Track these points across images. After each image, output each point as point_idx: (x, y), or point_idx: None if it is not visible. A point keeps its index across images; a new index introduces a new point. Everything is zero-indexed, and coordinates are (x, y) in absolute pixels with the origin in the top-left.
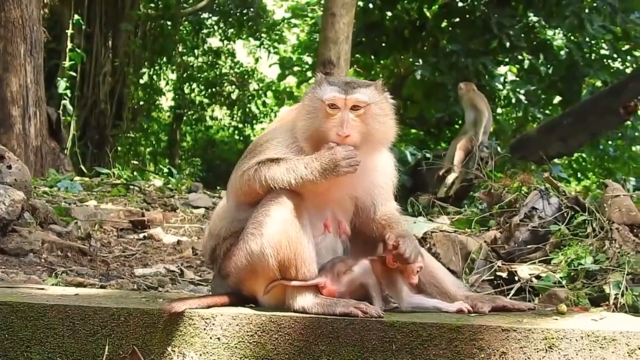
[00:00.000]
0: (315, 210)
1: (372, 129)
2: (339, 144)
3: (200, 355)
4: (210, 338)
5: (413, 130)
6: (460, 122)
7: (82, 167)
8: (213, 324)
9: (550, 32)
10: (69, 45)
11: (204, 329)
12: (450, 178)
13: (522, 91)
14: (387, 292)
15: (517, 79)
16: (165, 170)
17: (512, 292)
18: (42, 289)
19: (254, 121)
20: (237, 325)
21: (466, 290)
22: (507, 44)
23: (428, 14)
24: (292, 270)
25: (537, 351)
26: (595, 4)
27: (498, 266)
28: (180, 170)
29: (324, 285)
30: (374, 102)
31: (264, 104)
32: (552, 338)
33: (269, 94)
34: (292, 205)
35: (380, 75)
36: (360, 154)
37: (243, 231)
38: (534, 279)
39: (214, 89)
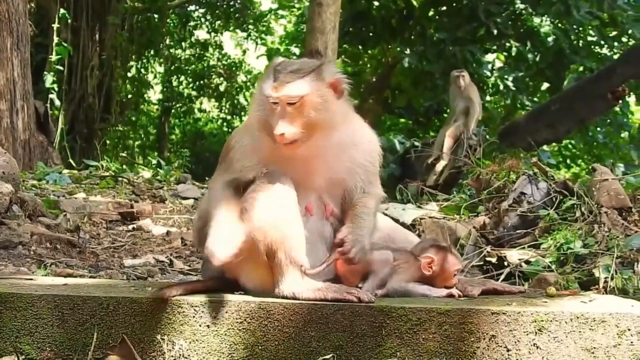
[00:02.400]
0: (298, 194)
1: (312, 120)
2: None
3: (190, 342)
4: (200, 325)
5: (402, 120)
6: (448, 110)
7: (71, 161)
8: (202, 311)
9: (537, 19)
10: (56, 39)
11: (193, 317)
12: (439, 166)
13: (510, 78)
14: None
15: (505, 66)
16: (154, 162)
17: (502, 277)
18: (31, 279)
19: (242, 113)
20: (227, 312)
21: None
22: (495, 32)
23: (415, 2)
24: (280, 254)
25: (527, 334)
26: None
27: (487, 251)
28: (169, 163)
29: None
30: (310, 92)
31: (252, 95)
32: (542, 320)
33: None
34: (280, 189)
35: (368, 65)
36: (316, 139)
37: None
38: (523, 264)
39: (202, 82)
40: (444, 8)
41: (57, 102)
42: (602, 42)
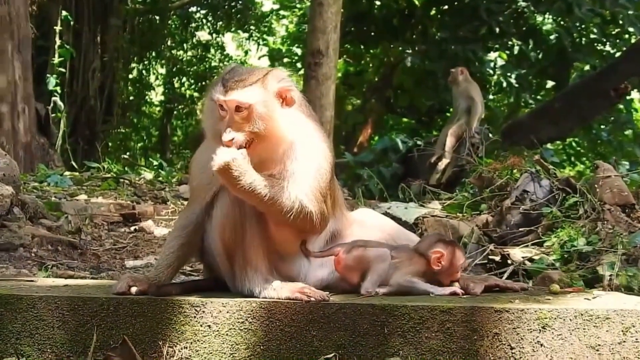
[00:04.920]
0: None
1: (258, 129)
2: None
3: (191, 343)
4: (201, 326)
5: (404, 119)
6: (451, 109)
7: (73, 163)
8: (203, 312)
9: (539, 18)
10: (58, 41)
11: (194, 317)
12: (441, 164)
13: (513, 76)
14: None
15: (507, 64)
16: (156, 164)
17: (506, 275)
18: (32, 281)
19: None
20: (228, 312)
21: None
22: (497, 30)
23: (416, 1)
24: (238, 254)
25: (531, 331)
26: None
27: (490, 250)
28: (172, 164)
29: (337, 254)
30: (257, 102)
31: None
32: (546, 318)
33: None
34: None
35: (370, 65)
36: (261, 148)
37: None
38: (527, 262)
39: (203, 83)
40: (446, 7)
41: (60, 105)
42: (604, 40)
